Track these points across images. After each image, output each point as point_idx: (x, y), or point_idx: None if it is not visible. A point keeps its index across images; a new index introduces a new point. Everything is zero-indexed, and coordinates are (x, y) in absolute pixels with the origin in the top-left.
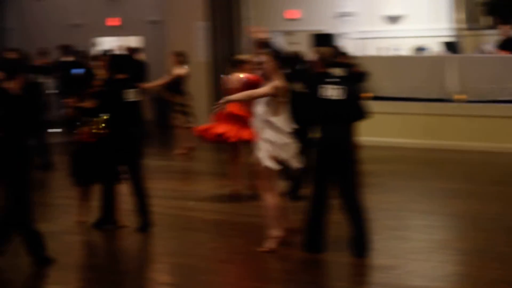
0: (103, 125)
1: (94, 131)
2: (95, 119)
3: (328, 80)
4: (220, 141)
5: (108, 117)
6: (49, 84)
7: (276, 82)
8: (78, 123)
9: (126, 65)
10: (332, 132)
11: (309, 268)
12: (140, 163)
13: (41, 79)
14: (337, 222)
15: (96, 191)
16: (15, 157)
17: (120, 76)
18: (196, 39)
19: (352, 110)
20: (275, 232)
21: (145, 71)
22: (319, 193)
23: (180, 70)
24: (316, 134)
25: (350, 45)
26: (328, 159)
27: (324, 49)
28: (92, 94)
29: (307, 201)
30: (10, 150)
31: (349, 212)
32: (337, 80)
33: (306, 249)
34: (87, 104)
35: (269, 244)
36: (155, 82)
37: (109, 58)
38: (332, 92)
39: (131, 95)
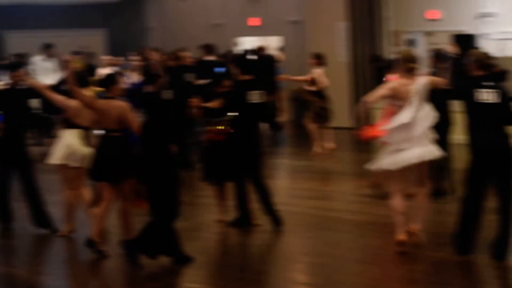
0: (228, 124)
1: (219, 130)
2: (220, 119)
3: (483, 83)
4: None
5: (232, 117)
6: (195, 83)
7: (391, 83)
8: (206, 123)
9: (252, 66)
10: (489, 136)
11: (448, 269)
12: (260, 163)
13: (190, 78)
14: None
15: (231, 190)
16: (158, 158)
17: (246, 77)
18: (337, 39)
19: (508, 112)
20: (400, 235)
21: (274, 71)
22: (473, 196)
23: (317, 73)
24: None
25: (491, 46)
26: (487, 162)
27: (479, 52)
28: (219, 94)
29: (461, 203)
30: (154, 152)
31: (502, 214)
32: (492, 83)
33: (457, 250)
34: (213, 104)
35: (399, 246)
36: (292, 77)
37: (235, 58)
38: (488, 96)
39: (254, 96)
